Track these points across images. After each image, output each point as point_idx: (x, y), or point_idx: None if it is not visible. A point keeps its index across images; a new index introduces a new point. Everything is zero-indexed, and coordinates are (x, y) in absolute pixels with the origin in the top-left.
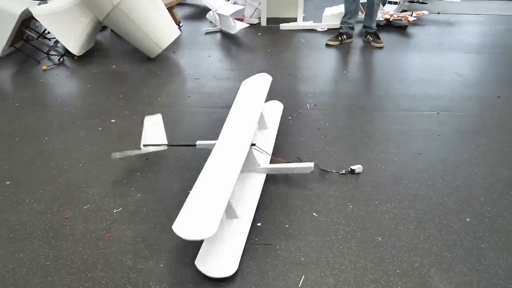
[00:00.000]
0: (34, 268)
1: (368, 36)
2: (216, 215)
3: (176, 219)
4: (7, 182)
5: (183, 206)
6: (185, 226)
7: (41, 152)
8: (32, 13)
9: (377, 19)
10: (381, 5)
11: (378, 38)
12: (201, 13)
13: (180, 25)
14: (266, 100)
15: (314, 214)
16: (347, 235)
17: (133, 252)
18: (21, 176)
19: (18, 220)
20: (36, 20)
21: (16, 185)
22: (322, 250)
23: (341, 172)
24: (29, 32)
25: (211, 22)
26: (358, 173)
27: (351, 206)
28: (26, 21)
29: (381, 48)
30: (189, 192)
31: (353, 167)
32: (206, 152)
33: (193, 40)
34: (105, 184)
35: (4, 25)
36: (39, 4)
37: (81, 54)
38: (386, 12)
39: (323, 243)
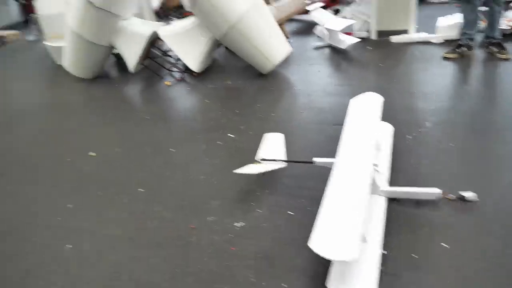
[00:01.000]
0: (165, 273)
1: (491, 46)
2: (354, 236)
3: (311, 237)
4: (141, 189)
5: (316, 225)
6: (322, 245)
7: (169, 163)
8: (159, 34)
9: (500, 27)
10: (503, 11)
11: (503, 48)
12: (308, 28)
13: (289, 40)
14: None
15: (444, 244)
16: (485, 273)
17: (256, 268)
18: (152, 185)
19: (152, 227)
20: (161, 40)
21: (148, 193)
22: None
23: (470, 200)
24: (155, 51)
25: (319, 37)
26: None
27: (488, 240)
28: (153, 41)
29: (507, 59)
30: (309, 210)
31: (465, 196)
32: (322, 170)
33: (301, 55)
34: (226, 197)
35: (136, 45)
36: (164, 25)
37: (200, 71)
38: (511, 19)
39: (456, 279)
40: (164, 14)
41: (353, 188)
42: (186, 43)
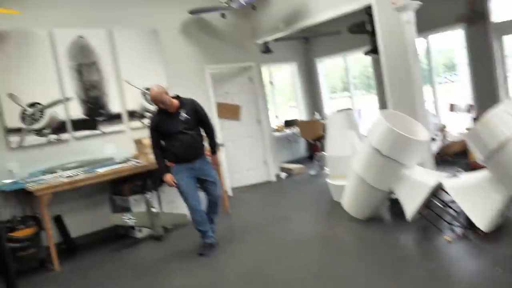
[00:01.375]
0: None
1: None
2: None
3: None
4: None
5: None
6: None
7: None
8: (444, 186)
9: None
10: None
11: None
12: None
13: None
14: None
15: None
16: None
17: None
18: None
19: None
20: (443, 190)
21: None
22: None
23: None
24: (435, 201)
25: None
26: None
27: None
28: (435, 191)
29: None
30: None
31: None
32: None
33: None
34: None
35: (417, 194)
36: (448, 176)
37: (488, 230)
38: None
39: None
40: (441, 159)
41: None
42: (473, 197)
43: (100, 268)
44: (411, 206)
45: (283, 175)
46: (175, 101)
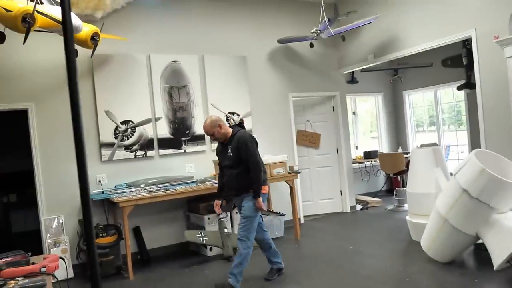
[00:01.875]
0: None
1: None
2: None
3: None
4: None
5: None
6: None
7: None
8: None
9: None
10: None
11: None
12: None
13: None
14: None
15: None
16: None
17: None
18: None
19: None
20: None
21: None
22: None
23: None
24: None
25: None
26: None
27: None
28: None
29: None
30: None
31: None
32: None
33: None
34: None
35: (508, 242)
36: None
37: None
38: None
39: None
40: None
41: None
42: None
43: (169, 281)
44: (499, 255)
45: (359, 207)
46: (229, 133)
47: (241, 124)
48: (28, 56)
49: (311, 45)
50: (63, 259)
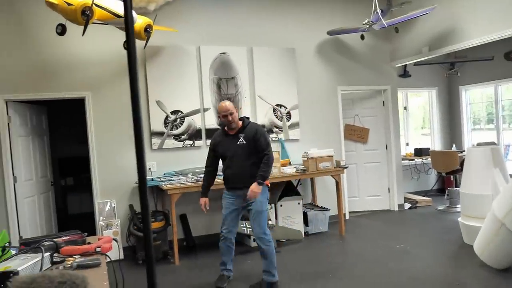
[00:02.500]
0: None
1: None
2: None
3: None
4: None
5: None
6: None
7: None
8: None
9: None
10: None
11: None
12: None
13: None
14: None
15: None
16: None
17: None
18: None
19: None
20: None
21: None
22: None
23: None
24: None
25: None
26: None
27: None
28: None
29: None
30: None
31: None
32: None
33: None
34: None
35: None
36: None
37: None
38: None
39: None
40: None
41: None
42: None
43: (213, 268)
44: None
45: (407, 206)
46: (239, 123)
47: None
48: (86, 48)
49: (362, 37)
50: (116, 241)
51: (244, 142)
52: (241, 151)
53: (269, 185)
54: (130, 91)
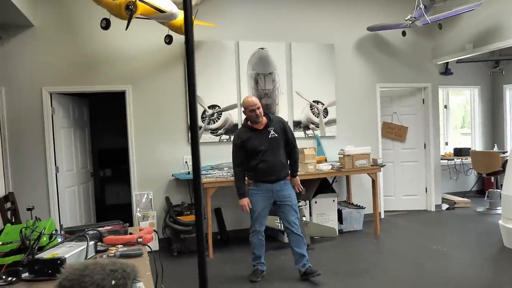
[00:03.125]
0: None
1: None
2: None
3: None
4: None
5: None
6: None
7: None
8: None
9: None
10: None
11: None
12: None
13: None
14: None
15: None
16: None
17: None
18: None
19: None
20: None
21: None
22: None
23: None
24: None
25: None
26: None
27: None
28: None
29: None
30: None
31: None
32: None
33: None
34: None
35: None
36: None
37: None
38: None
39: None
40: None
41: None
42: None
43: (246, 263)
44: None
45: (444, 206)
46: (264, 118)
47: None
48: (128, 42)
49: (404, 33)
50: (156, 232)
51: (276, 135)
52: (275, 144)
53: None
54: (187, 88)
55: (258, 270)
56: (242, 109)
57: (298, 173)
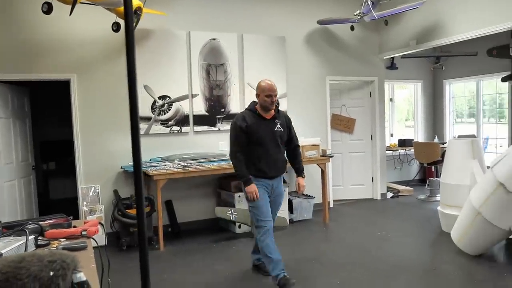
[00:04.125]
0: None
1: None
2: None
3: None
4: None
5: None
6: None
7: None
8: None
9: None
10: None
11: None
12: None
13: None
14: None
15: None
16: None
17: None
18: None
19: None
20: None
21: None
22: None
23: None
24: None
25: None
26: None
27: None
28: None
29: None
30: None
31: None
32: None
33: None
34: None
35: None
36: None
37: None
38: None
39: None
40: None
41: None
42: None
43: (198, 255)
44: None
45: (389, 195)
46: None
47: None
48: (72, 28)
49: (352, 28)
50: (102, 225)
51: (282, 130)
52: (279, 138)
53: None
54: (127, 76)
55: (287, 278)
56: (256, 91)
57: None
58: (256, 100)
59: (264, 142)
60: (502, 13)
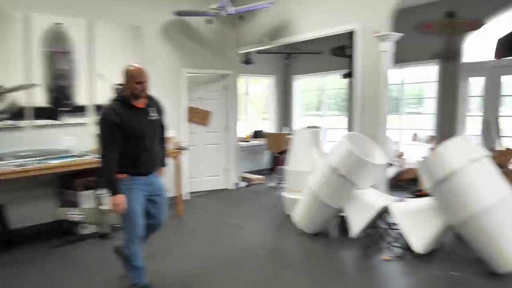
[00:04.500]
0: None
1: None
2: None
3: None
4: None
5: None
6: None
7: None
8: (390, 209)
9: None
10: None
11: None
12: None
13: None
14: None
15: None
16: None
17: None
18: None
19: None
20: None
21: None
22: None
23: None
24: (380, 222)
25: None
26: None
27: None
28: (381, 212)
29: None
30: None
31: None
32: None
33: None
34: None
35: (364, 214)
36: (396, 200)
37: (423, 252)
38: None
39: None
40: (397, 184)
41: None
42: (416, 222)
43: (36, 263)
44: (356, 224)
45: (243, 184)
46: None
47: None
48: None
49: (210, 21)
50: None
51: (157, 117)
52: (155, 128)
53: None
54: None
55: (147, 286)
56: (124, 79)
57: None
58: (122, 88)
59: (141, 136)
60: (342, 17)
